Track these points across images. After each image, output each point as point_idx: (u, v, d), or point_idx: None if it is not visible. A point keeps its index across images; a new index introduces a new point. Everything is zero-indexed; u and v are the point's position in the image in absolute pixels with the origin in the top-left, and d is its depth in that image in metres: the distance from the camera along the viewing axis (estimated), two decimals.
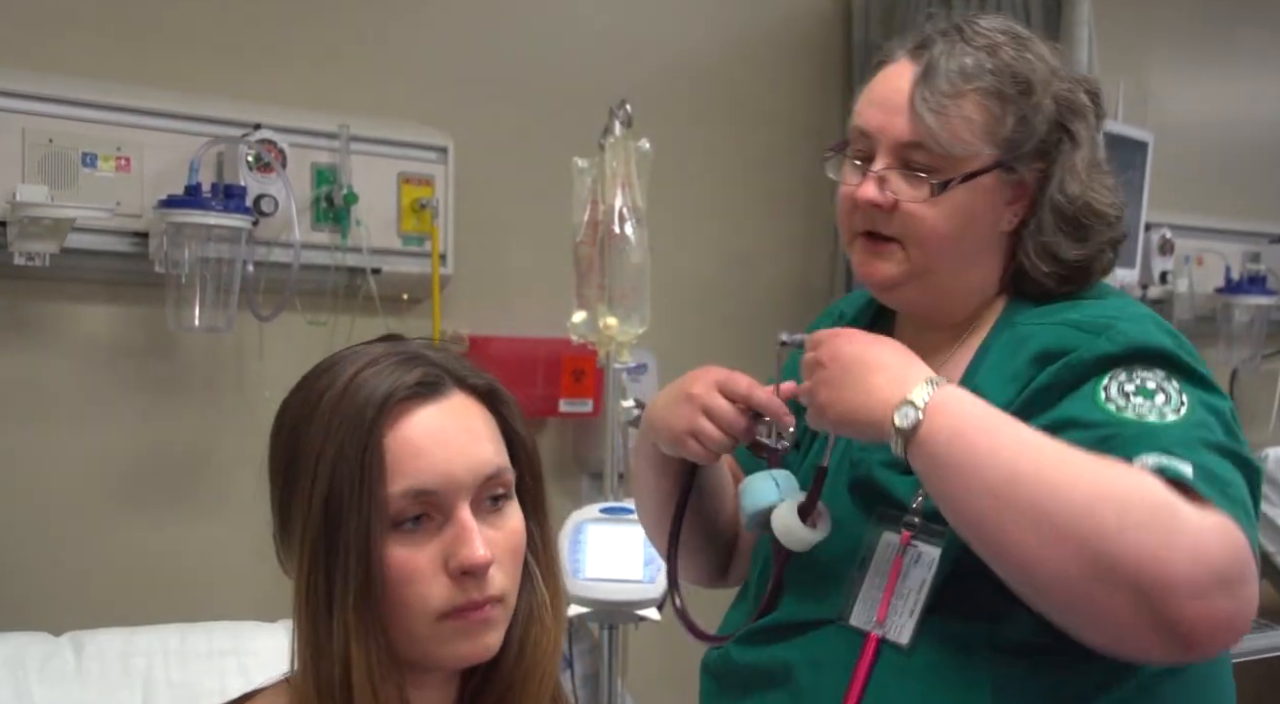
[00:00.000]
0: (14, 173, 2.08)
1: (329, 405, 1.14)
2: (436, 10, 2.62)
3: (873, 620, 1.27)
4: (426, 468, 1.12)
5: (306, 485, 1.13)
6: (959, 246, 1.32)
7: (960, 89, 1.27)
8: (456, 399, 1.16)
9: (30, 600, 2.13)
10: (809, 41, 3.14)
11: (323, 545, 1.12)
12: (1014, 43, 1.31)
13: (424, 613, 1.12)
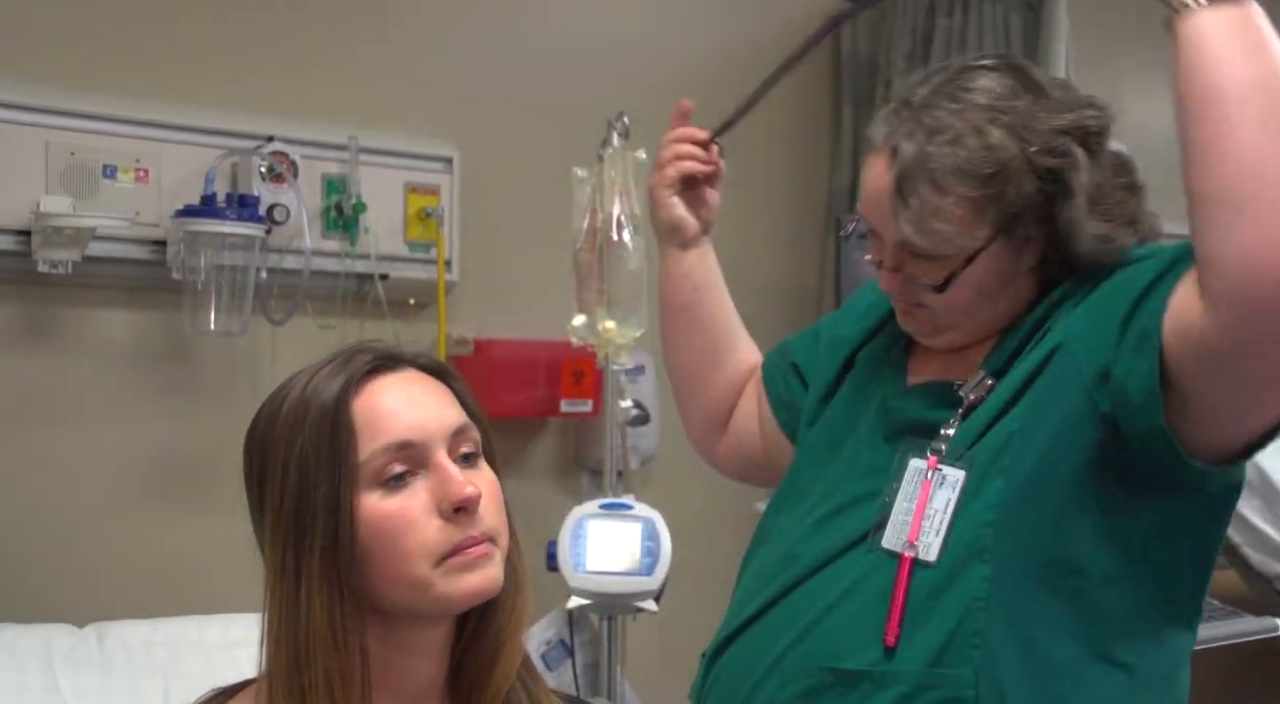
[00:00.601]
0: (38, 184, 2.10)
1: (294, 401, 1.18)
2: (441, 27, 2.62)
3: (904, 542, 1.28)
4: (400, 424, 1.16)
5: (277, 469, 1.17)
6: (981, 303, 1.35)
7: (936, 206, 1.28)
8: (411, 373, 1.21)
9: (55, 593, 2.13)
10: None
11: (293, 516, 1.16)
12: (973, 130, 1.28)
13: (426, 557, 1.15)
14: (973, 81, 1.31)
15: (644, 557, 2.19)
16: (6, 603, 2.00)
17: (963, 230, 1.29)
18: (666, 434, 2.81)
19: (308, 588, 1.14)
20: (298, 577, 1.15)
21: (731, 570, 2.99)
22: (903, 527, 1.29)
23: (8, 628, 1.90)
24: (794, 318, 3.06)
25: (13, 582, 2.14)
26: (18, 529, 2.19)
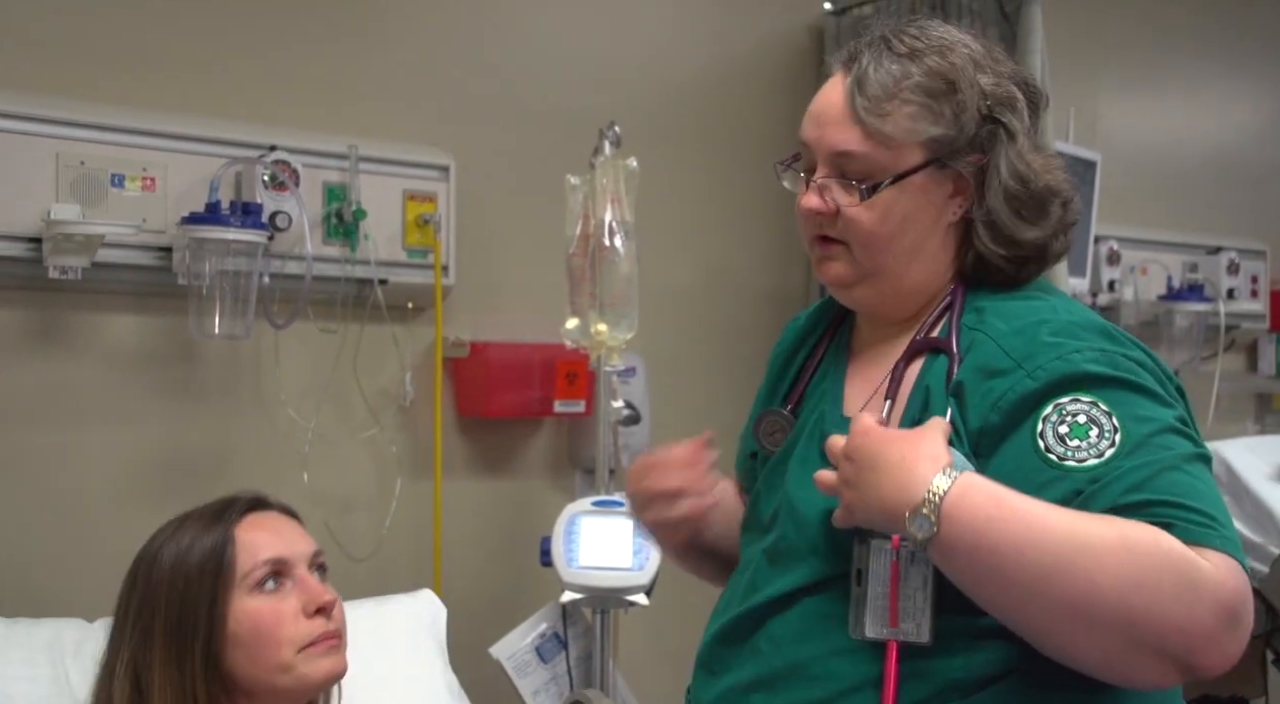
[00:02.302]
0: (48, 193, 2.09)
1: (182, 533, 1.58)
2: (437, 40, 2.62)
3: (887, 628, 1.24)
4: (277, 543, 1.57)
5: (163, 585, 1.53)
6: (899, 243, 1.31)
7: (892, 92, 1.27)
8: (274, 513, 1.63)
9: (66, 588, 2.12)
10: (784, 68, 3.13)
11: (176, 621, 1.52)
12: (936, 48, 1.30)
13: (291, 645, 1.52)
14: (938, 26, 1.33)
15: (635, 552, 2.20)
16: (19, 598, 1.99)
17: (903, 131, 1.27)
18: (657, 433, 2.82)
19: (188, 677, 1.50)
20: (179, 668, 1.50)
21: None
22: (883, 611, 1.24)
23: (20, 622, 1.88)
24: (777, 320, 3.04)
25: (25, 577, 2.14)
26: (30, 526, 2.20)
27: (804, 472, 1.32)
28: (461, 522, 2.62)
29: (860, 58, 1.30)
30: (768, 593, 1.32)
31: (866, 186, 1.28)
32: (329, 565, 2.18)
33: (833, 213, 1.30)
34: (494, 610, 2.54)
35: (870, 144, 1.28)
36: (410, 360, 2.56)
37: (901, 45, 1.30)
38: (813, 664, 1.27)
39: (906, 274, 1.33)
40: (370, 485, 2.54)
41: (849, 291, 1.37)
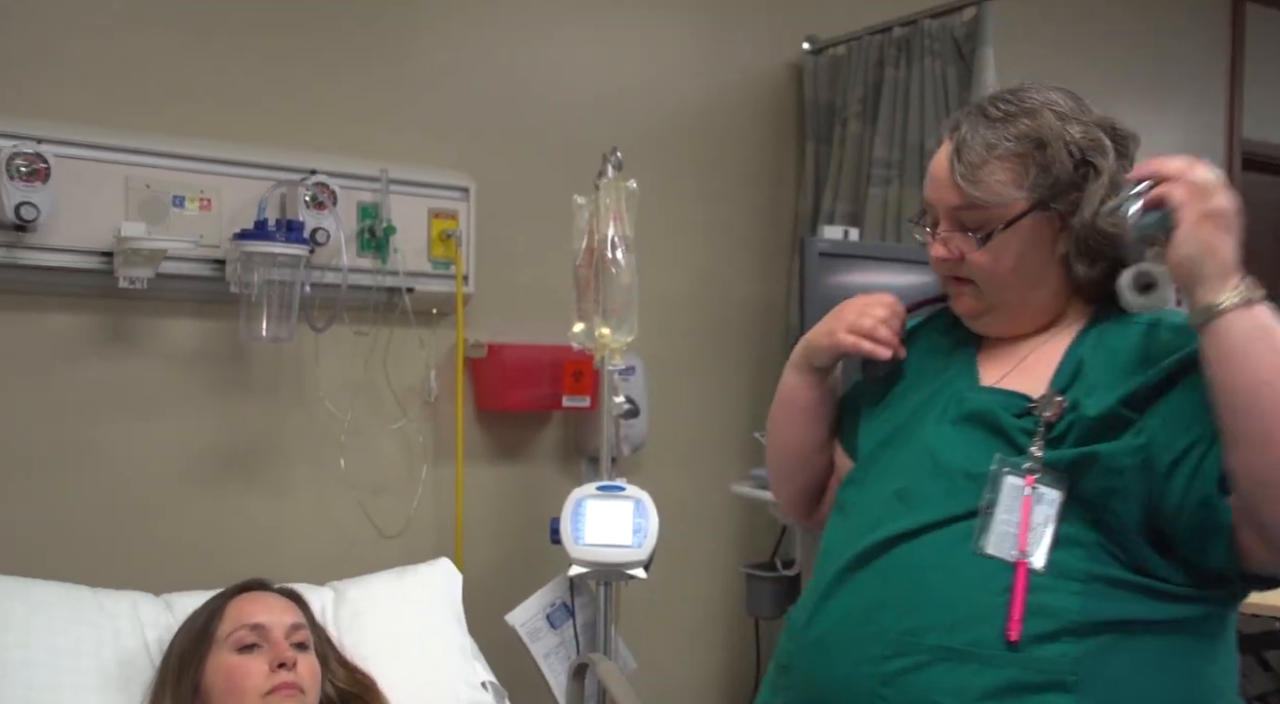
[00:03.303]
0: (119, 212, 2.12)
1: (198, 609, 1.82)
2: (459, 76, 2.63)
3: (1015, 551, 1.25)
4: (258, 611, 1.77)
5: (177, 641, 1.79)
6: (1018, 278, 1.37)
7: (985, 158, 1.33)
8: (271, 594, 1.85)
9: (134, 565, 2.15)
10: (769, 99, 3.16)
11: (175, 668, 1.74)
12: (1024, 112, 1.35)
13: (254, 693, 1.69)
14: (1031, 90, 1.38)
15: (634, 531, 2.21)
16: (96, 571, 2.01)
17: (1006, 184, 1.33)
18: (654, 426, 2.86)
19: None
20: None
21: (709, 543, 3.00)
22: (1008, 537, 1.26)
23: (100, 591, 1.92)
24: (760, 324, 3.17)
25: (100, 553, 2.17)
26: (102, 508, 2.21)
27: (941, 430, 1.37)
28: (480, 503, 2.63)
29: (961, 126, 1.38)
30: (900, 526, 1.32)
31: (981, 235, 1.34)
32: (362, 542, 2.48)
33: (958, 258, 1.37)
34: (509, 582, 2.55)
35: (979, 197, 1.34)
36: (434, 360, 2.57)
37: (996, 111, 1.36)
38: (940, 588, 1.27)
39: (1027, 303, 1.39)
40: (399, 471, 2.54)
41: (977, 321, 1.43)
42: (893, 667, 1.26)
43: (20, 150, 1.99)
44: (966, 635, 1.24)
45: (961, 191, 1.35)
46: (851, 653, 1.30)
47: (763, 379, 3.13)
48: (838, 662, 1.32)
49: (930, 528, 1.31)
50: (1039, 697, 1.21)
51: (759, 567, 2.84)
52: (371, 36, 2.52)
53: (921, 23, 2.89)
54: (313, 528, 2.45)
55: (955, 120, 1.40)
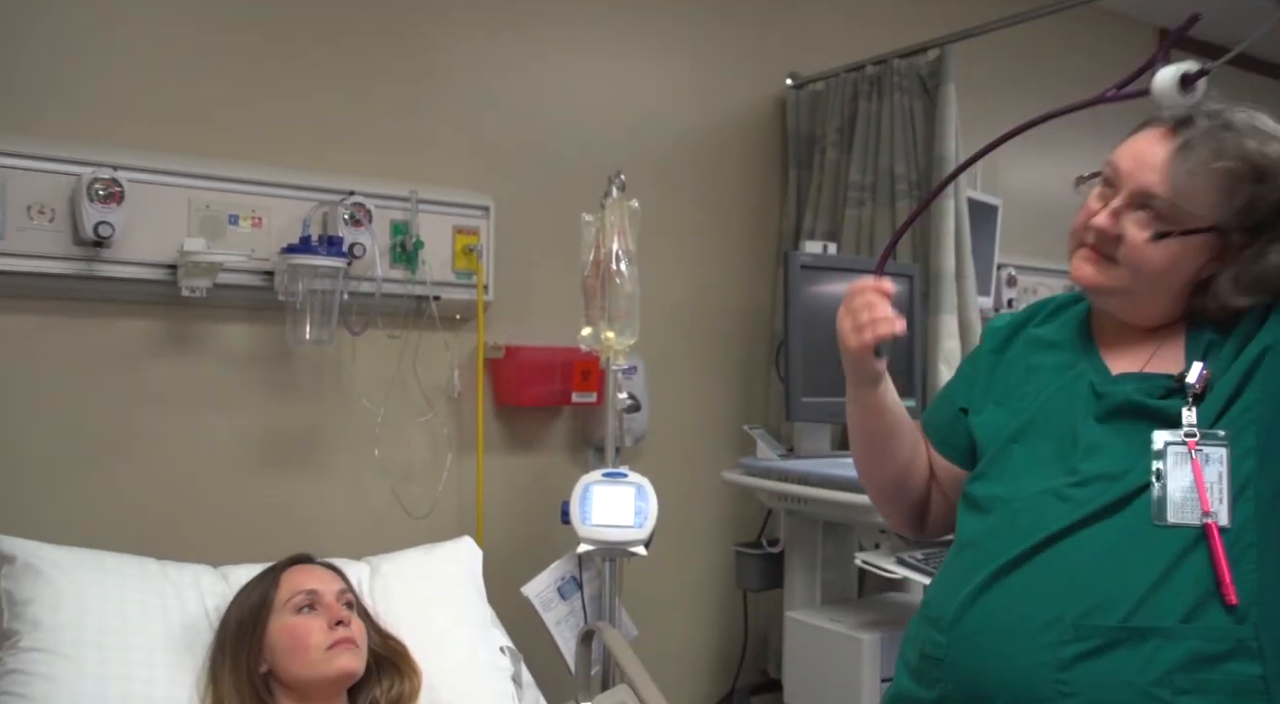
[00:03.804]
0: (182, 230, 2.15)
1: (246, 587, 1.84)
2: (480, 108, 2.64)
3: (1198, 513, 1.16)
4: (309, 580, 1.80)
5: (235, 609, 1.80)
6: (1164, 282, 1.27)
7: (1210, 165, 1.23)
8: (317, 566, 1.86)
9: (195, 540, 2.18)
10: (754, 130, 3.17)
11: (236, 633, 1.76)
12: (1259, 138, 1.25)
13: (318, 648, 1.72)
14: (1267, 118, 1.28)
15: (636, 513, 2.23)
16: (162, 546, 2.03)
17: (1211, 198, 1.23)
18: (654, 419, 2.87)
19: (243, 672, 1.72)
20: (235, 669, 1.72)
21: (703, 524, 3.01)
22: (1187, 503, 1.17)
23: (168, 563, 1.94)
24: (748, 328, 3.14)
25: (166, 530, 2.19)
26: (167, 490, 2.24)
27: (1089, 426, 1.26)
28: (498, 488, 2.64)
29: (1195, 122, 1.26)
30: (1061, 522, 1.22)
31: (1159, 231, 1.24)
32: (393, 522, 2.48)
33: (1117, 236, 1.27)
34: (523, 558, 2.55)
35: (1176, 196, 1.24)
36: (457, 360, 2.57)
37: (1234, 124, 1.25)
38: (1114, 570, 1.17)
39: (1155, 304, 1.30)
40: (426, 459, 2.55)
41: (1099, 296, 1.33)
42: (1070, 652, 1.15)
43: (99, 176, 2.02)
44: (1146, 612, 1.14)
45: (1169, 184, 1.24)
46: (1023, 643, 1.18)
47: (751, 378, 3.15)
48: (1008, 652, 1.19)
49: (1092, 519, 1.21)
50: (1229, 664, 1.11)
51: (747, 545, 2.86)
52: (402, 74, 2.54)
53: (891, 62, 2.90)
54: (350, 509, 2.46)
55: (1188, 114, 1.27)
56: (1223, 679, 1.11)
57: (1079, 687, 1.14)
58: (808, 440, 2.76)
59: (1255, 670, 1.11)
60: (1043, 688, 1.15)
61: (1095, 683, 1.13)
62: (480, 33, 2.67)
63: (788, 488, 2.50)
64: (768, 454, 2.78)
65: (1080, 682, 1.14)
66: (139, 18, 2.22)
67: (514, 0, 2.72)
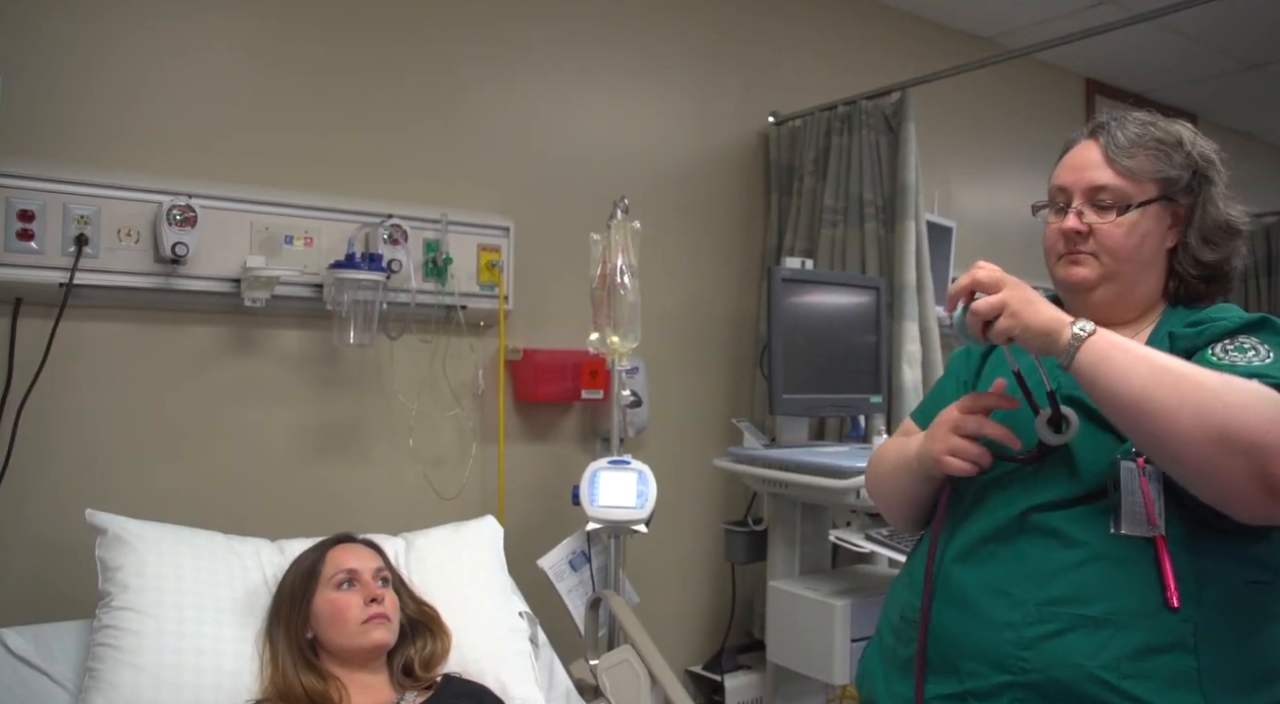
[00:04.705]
0: (244, 248, 2.17)
1: (300, 555, 1.84)
2: (501, 141, 2.64)
3: (1148, 527, 1.13)
4: (350, 558, 1.80)
5: (288, 581, 1.80)
6: (1139, 254, 1.26)
7: (1135, 144, 1.26)
8: (357, 544, 1.85)
9: (255, 517, 2.19)
10: (740, 160, 3.18)
11: (288, 602, 1.77)
12: (1163, 120, 1.29)
13: (355, 621, 1.73)
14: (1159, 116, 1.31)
15: (638, 496, 2.24)
16: (228, 521, 2.03)
17: (1147, 169, 1.25)
18: (653, 413, 2.88)
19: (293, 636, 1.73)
20: (287, 632, 1.74)
21: (696, 505, 3.05)
22: (1138, 516, 1.14)
23: (233, 537, 1.95)
24: (736, 334, 3.14)
25: (230, 507, 2.21)
26: (232, 474, 2.24)
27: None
28: (517, 473, 2.64)
29: (1108, 126, 1.29)
30: (1032, 500, 1.21)
31: (1119, 209, 1.26)
32: (426, 502, 2.46)
33: (1087, 231, 1.27)
34: (539, 535, 2.56)
35: (1120, 179, 1.26)
36: (482, 361, 2.57)
37: (1140, 117, 1.30)
38: (1073, 563, 1.16)
39: (1137, 283, 1.28)
40: (454, 448, 2.54)
41: (1089, 294, 1.29)
42: (1032, 632, 1.15)
43: (176, 203, 2.05)
44: (1101, 606, 1.13)
45: (1110, 169, 1.26)
46: (991, 618, 1.18)
47: (738, 377, 3.15)
48: (977, 624, 1.19)
49: (1059, 505, 1.19)
50: (1168, 656, 1.10)
51: (735, 523, 2.87)
52: (434, 114, 2.54)
53: (860, 103, 2.91)
54: (388, 491, 2.46)
55: (1094, 125, 1.31)
56: (1163, 668, 1.10)
57: (1037, 664, 1.14)
58: (788, 431, 2.77)
59: (1191, 663, 1.10)
60: (1006, 661, 1.16)
61: (1051, 662, 1.13)
62: (502, 78, 2.67)
63: (771, 473, 2.49)
64: (753, 444, 2.77)
65: (1038, 660, 1.14)
66: (212, 71, 2.24)
67: (531, 50, 2.72)
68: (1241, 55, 4.15)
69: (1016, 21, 3.75)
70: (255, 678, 1.73)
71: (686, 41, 3.05)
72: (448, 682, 1.81)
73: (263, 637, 1.77)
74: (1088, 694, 1.11)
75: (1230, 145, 1.39)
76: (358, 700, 1.70)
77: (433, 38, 2.55)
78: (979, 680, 1.18)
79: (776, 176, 3.16)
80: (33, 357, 2.00)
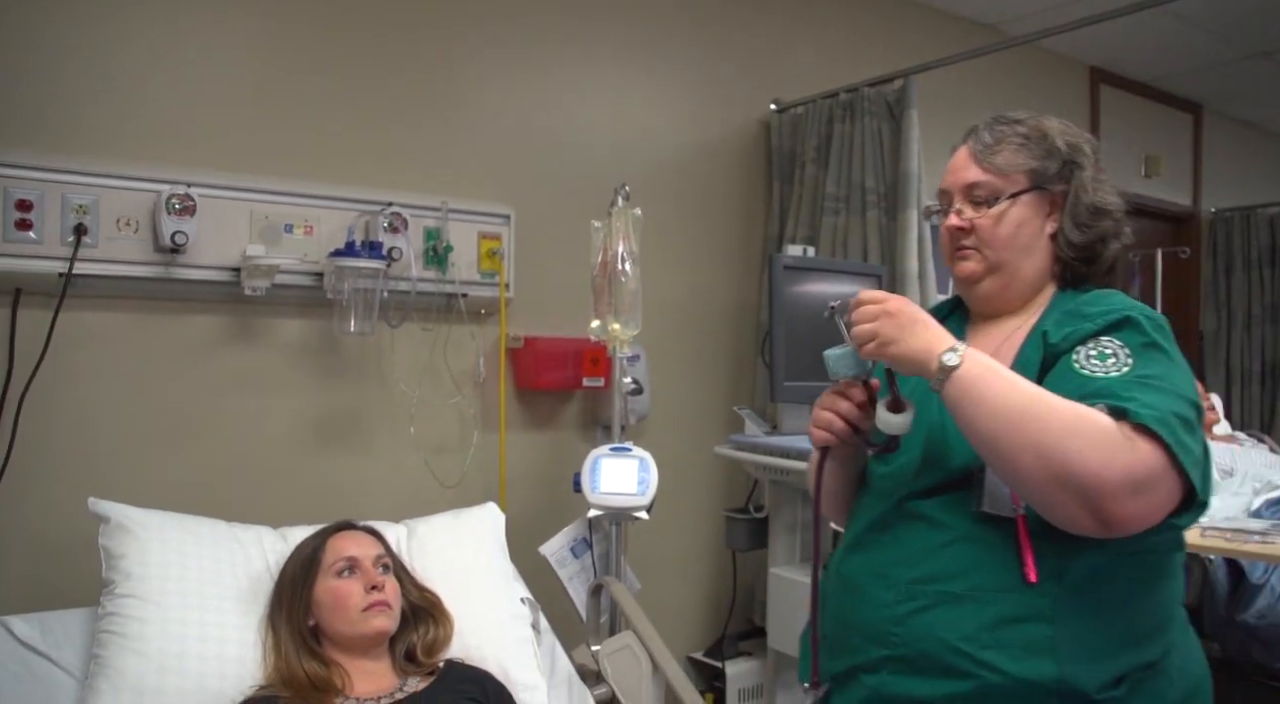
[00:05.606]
0: (244, 237, 2.16)
1: (302, 542, 1.83)
2: (501, 129, 2.64)
3: (1010, 507, 1.20)
4: (350, 546, 1.79)
5: (288, 569, 1.79)
6: (1016, 243, 1.32)
7: (999, 142, 1.33)
8: (358, 531, 1.85)
9: (258, 505, 2.18)
10: (742, 148, 3.19)
11: (289, 589, 1.77)
12: (1030, 118, 1.35)
13: (356, 609, 1.72)
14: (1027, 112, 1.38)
15: (639, 483, 2.25)
16: (229, 510, 2.02)
17: (1013, 163, 1.31)
18: (655, 401, 2.89)
19: (295, 623, 1.73)
20: (289, 618, 1.74)
21: (697, 492, 3.07)
22: (1002, 497, 1.20)
23: (235, 525, 1.94)
24: (737, 321, 3.16)
25: (233, 495, 2.21)
26: (233, 462, 2.25)
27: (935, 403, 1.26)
28: (518, 461, 2.64)
29: (977, 129, 1.37)
30: (909, 489, 1.28)
31: (990, 202, 1.32)
32: (427, 490, 2.46)
33: (969, 228, 1.33)
34: (540, 522, 2.56)
35: (989, 175, 1.32)
36: (483, 349, 2.58)
37: (1006, 117, 1.36)
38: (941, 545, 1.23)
39: (1020, 269, 1.33)
40: (456, 435, 2.54)
41: (977, 286, 1.36)
42: (903, 609, 1.23)
43: (175, 192, 2.04)
44: (963, 583, 1.20)
45: (978, 167, 1.33)
46: (871, 599, 1.27)
47: (740, 365, 3.16)
48: (860, 605, 1.29)
49: (934, 491, 1.27)
50: (1024, 626, 1.17)
51: (736, 510, 2.90)
52: (434, 103, 2.54)
53: (862, 90, 2.92)
54: (389, 479, 2.46)
55: (971, 128, 1.38)
56: (1018, 638, 1.17)
57: (906, 638, 1.23)
58: (789, 419, 2.77)
59: (1046, 633, 1.16)
60: (882, 636, 1.25)
61: (918, 636, 1.22)
62: (502, 67, 2.67)
63: (772, 461, 2.50)
64: (754, 431, 2.78)
65: (907, 634, 1.23)
66: (209, 59, 2.23)
67: (533, 37, 2.72)
68: (1248, 43, 4.14)
69: (1020, 8, 3.75)
70: (259, 665, 1.74)
71: (688, 29, 3.05)
72: (450, 667, 1.82)
73: (265, 624, 1.78)
74: (951, 664, 1.19)
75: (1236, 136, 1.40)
76: (360, 686, 1.70)
77: (433, 26, 2.55)
78: (862, 655, 1.27)
79: (778, 164, 3.16)
80: (33, 347, 2.00)
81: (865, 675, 1.27)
